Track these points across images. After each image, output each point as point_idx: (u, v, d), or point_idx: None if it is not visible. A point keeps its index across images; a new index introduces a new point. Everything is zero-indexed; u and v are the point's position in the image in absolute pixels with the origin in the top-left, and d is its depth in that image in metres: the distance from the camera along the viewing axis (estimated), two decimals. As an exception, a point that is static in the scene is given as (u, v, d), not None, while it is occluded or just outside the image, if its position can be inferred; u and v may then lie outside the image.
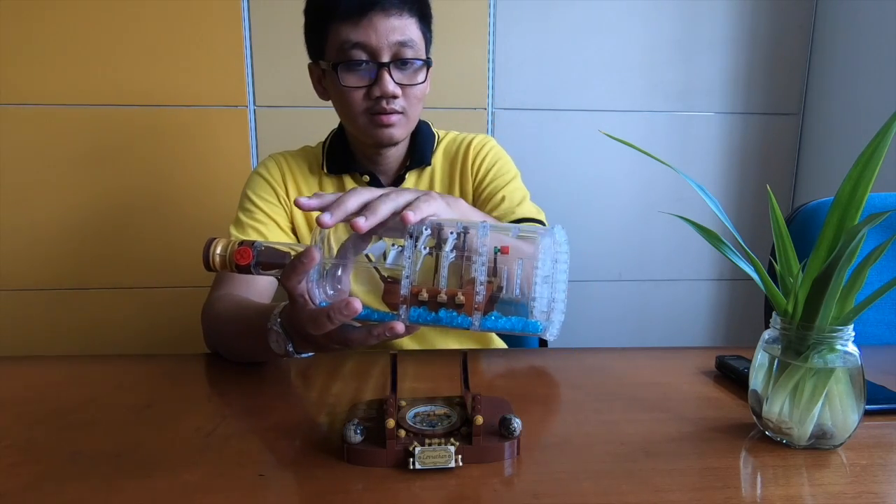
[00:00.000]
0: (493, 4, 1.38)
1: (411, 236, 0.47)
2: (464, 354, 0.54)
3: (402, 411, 0.50)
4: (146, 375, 0.66)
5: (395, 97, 0.79)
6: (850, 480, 0.44)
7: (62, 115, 1.31)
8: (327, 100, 0.86)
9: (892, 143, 0.44)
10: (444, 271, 0.46)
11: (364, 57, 0.77)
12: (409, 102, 0.81)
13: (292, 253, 0.50)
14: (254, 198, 0.87)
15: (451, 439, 0.45)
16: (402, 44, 0.77)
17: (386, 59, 0.77)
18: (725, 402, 0.58)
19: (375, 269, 0.51)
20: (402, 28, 0.77)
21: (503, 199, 0.88)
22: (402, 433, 0.46)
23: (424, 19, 0.82)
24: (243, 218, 0.87)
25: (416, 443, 0.44)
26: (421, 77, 0.81)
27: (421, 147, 0.90)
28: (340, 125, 0.91)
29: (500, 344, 1.01)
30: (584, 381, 0.65)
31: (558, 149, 1.46)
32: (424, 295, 0.46)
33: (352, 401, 0.57)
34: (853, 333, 0.47)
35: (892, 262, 0.86)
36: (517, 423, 0.46)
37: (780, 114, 1.50)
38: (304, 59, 0.87)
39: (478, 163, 0.92)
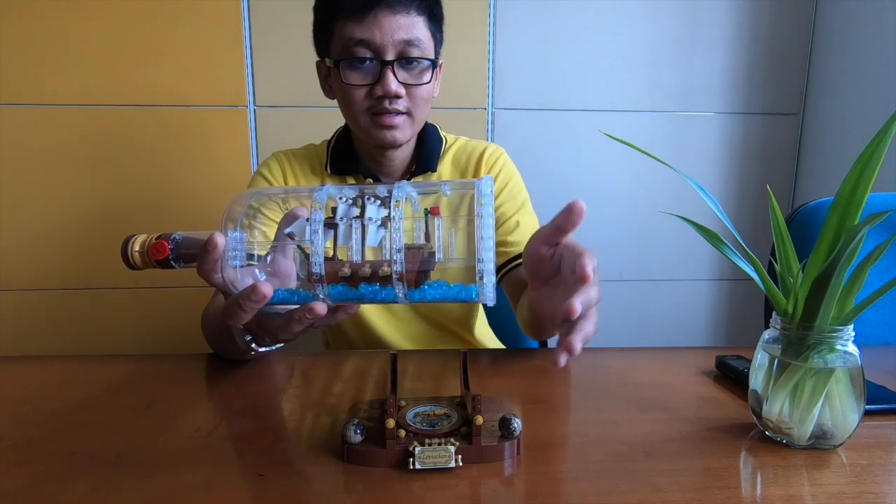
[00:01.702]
0: (493, 4, 1.38)
1: (313, 207, 0.42)
2: (464, 354, 0.54)
3: (402, 411, 0.50)
4: (146, 375, 0.66)
5: (397, 97, 0.77)
6: (850, 480, 0.44)
7: (62, 115, 1.31)
8: (333, 98, 0.85)
9: (892, 143, 0.44)
10: (371, 241, 0.42)
11: (368, 54, 0.75)
12: (413, 103, 0.79)
13: None
14: (256, 199, 0.87)
15: (451, 439, 0.45)
16: (408, 42, 0.75)
17: (390, 57, 0.75)
18: (725, 402, 0.58)
19: (299, 247, 0.46)
20: (408, 26, 0.75)
21: (517, 224, 0.86)
22: (402, 433, 0.46)
23: (434, 18, 0.79)
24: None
25: (416, 443, 0.44)
26: (426, 77, 0.79)
27: (427, 152, 0.88)
28: (347, 124, 0.90)
29: (498, 345, 1.01)
30: (584, 381, 0.65)
31: (558, 149, 1.46)
32: (346, 270, 0.42)
33: (352, 401, 0.56)
34: (853, 333, 0.46)
35: (892, 262, 0.86)
36: (517, 423, 0.46)
37: (780, 114, 1.50)
38: (305, 59, 0.86)
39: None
